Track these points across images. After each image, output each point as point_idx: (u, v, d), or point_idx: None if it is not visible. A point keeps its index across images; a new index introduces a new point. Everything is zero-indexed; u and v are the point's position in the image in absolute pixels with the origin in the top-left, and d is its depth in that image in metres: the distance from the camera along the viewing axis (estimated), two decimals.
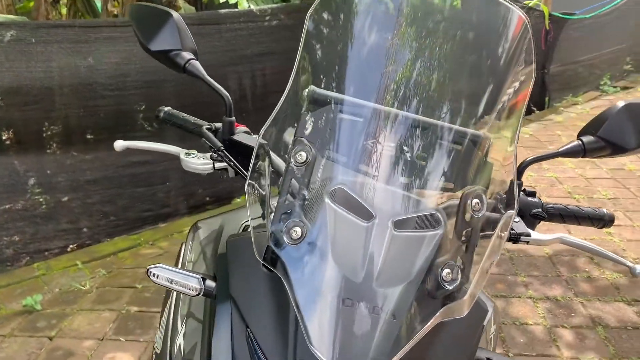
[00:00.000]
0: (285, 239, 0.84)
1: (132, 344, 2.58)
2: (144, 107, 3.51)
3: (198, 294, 0.92)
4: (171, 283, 0.91)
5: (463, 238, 0.85)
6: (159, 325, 1.19)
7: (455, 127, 0.90)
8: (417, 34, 0.95)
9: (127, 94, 3.43)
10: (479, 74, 0.96)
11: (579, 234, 3.53)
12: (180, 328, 1.05)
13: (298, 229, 0.83)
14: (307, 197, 0.86)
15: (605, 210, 1.12)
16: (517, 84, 0.93)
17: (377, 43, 0.95)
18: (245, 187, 0.93)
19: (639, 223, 3.61)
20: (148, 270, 0.92)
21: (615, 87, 7.26)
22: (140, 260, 3.33)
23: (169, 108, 1.35)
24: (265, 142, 0.95)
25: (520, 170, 1.03)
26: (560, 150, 1.05)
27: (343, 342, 0.76)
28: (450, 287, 0.81)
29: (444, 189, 0.88)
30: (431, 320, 0.80)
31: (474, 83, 0.95)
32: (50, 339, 2.63)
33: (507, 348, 2.55)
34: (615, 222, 1.10)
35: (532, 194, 1.10)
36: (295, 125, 0.93)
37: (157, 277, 0.92)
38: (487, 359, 0.93)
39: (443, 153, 0.89)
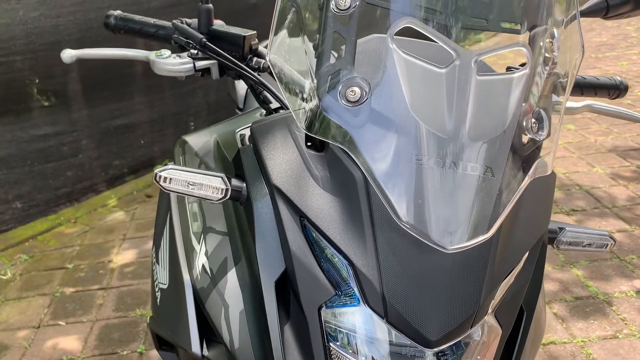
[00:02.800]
0: (342, 102, 0.69)
1: (75, 327, 2.33)
2: (38, 78, 3.13)
3: (224, 197, 0.75)
4: (188, 187, 0.74)
5: (541, 82, 0.75)
6: (156, 258, 1.01)
7: None
8: None
9: (20, 59, 3.04)
10: None
11: None
12: (199, 247, 0.88)
13: (356, 89, 0.69)
14: (358, 50, 0.71)
15: (619, 79, 1.08)
16: None
17: None
18: (268, 60, 0.77)
19: (561, 142, 3.76)
20: (156, 175, 0.74)
21: None
22: (65, 240, 3.01)
23: (120, 12, 1.13)
24: None
25: None
26: (583, 9, 0.98)
27: (439, 209, 0.65)
28: (541, 138, 0.71)
29: (513, 30, 0.77)
30: (527, 177, 0.70)
31: None
32: None
33: None
34: None
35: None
36: None
37: (170, 182, 0.74)
38: (559, 229, 0.85)
39: None
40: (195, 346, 0.84)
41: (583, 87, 1.07)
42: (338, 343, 0.70)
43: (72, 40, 3.22)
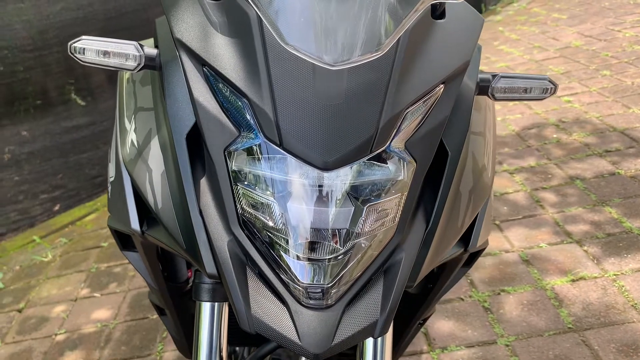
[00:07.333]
0: None
1: (109, 297, 2.41)
2: (64, 71, 3.25)
3: (139, 65, 0.76)
4: (103, 57, 0.75)
5: None
6: (109, 158, 1.03)
7: None
8: None
9: (51, 52, 3.16)
10: None
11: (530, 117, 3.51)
12: (129, 126, 0.90)
13: None
14: None
15: None
16: None
17: None
18: None
19: (594, 88, 3.60)
20: (70, 46, 0.75)
21: None
22: (102, 222, 3.12)
23: None
24: None
25: None
26: None
27: (324, 26, 0.64)
28: None
29: None
30: None
31: None
32: (20, 311, 2.44)
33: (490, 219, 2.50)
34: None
35: None
36: None
37: (84, 53, 0.75)
38: (492, 76, 0.81)
39: None
40: (134, 222, 0.84)
41: None
42: (245, 183, 0.70)
43: (94, 29, 3.33)
